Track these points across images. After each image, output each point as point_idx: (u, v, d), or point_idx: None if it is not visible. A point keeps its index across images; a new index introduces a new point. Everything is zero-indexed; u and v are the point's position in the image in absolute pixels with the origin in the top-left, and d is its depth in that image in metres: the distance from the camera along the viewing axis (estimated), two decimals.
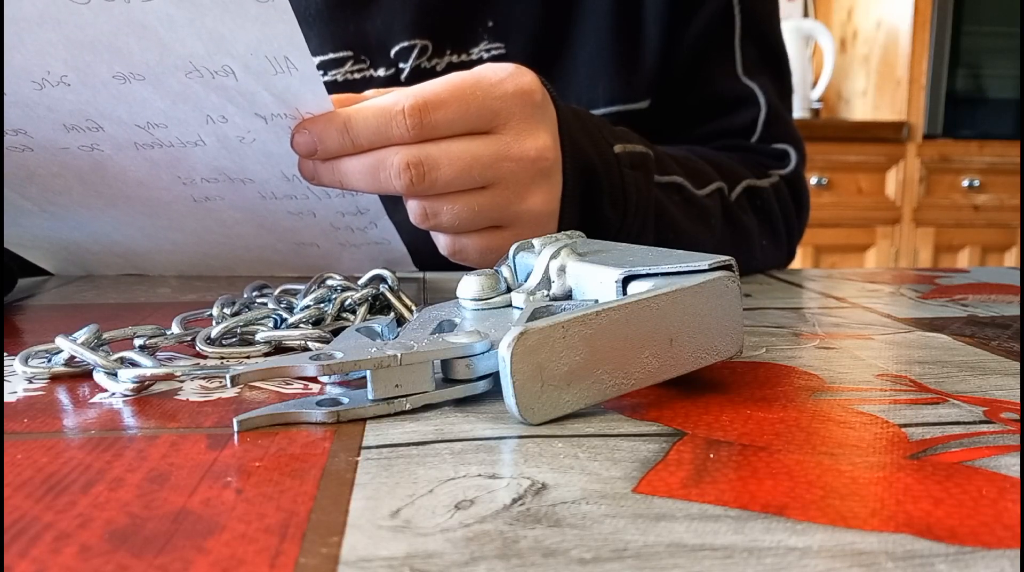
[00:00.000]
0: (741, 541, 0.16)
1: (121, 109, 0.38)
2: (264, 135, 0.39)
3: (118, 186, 0.44)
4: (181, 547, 0.16)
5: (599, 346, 0.23)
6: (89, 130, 0.39)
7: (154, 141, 0.40)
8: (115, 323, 0.38)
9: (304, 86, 0.36)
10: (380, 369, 0.24)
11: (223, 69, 0.35)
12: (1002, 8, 2.01)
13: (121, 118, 0.38)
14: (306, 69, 0.35)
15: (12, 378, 0.28)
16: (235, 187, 0.43)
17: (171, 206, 0.46)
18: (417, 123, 0.36)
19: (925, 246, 2.12)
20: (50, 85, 0.36)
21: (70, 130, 0.39)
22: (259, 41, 0.34)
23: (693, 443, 0.22)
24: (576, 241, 0.32)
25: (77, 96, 0.37)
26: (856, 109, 2.30)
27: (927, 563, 0.15)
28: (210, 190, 0.44)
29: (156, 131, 0.39)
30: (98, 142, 0.40)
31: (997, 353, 0.32)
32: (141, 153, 0.41)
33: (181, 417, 0.24)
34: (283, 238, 0.49)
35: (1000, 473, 0.20)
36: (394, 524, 0.17)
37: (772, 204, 0.60)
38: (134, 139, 0.40)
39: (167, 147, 0.40)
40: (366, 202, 0.45)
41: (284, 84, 0.36)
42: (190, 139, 0.40)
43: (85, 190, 0.44)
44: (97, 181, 0.43)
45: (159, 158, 0.41)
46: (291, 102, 0.37)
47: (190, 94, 0.37)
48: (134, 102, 0.37)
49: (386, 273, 0.36)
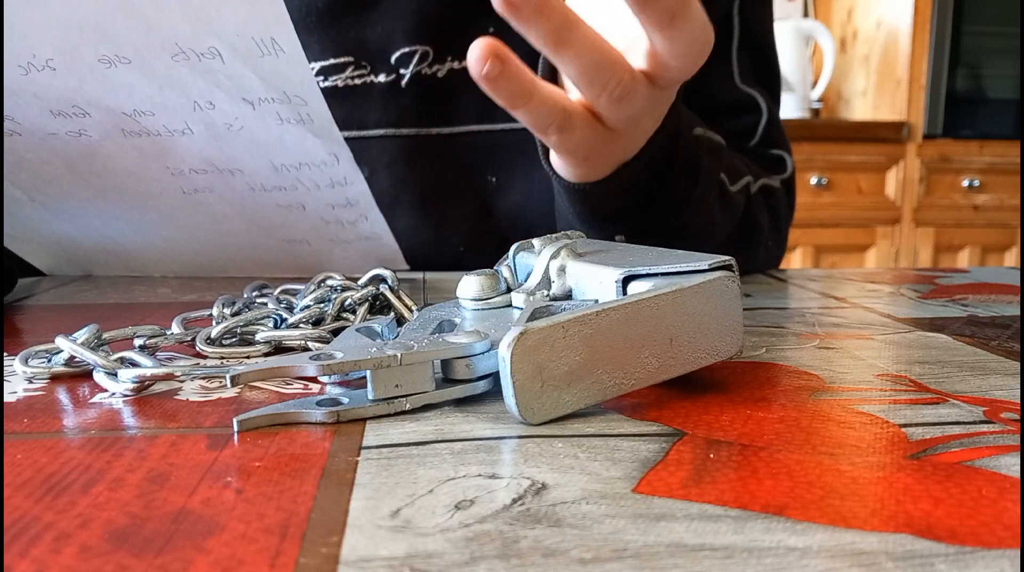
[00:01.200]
0: (741, 541, 0.16)
1: (107, 95, 0.37)
2: (252, 122, 0.39)
3: (107, 176, 0.44)
4: (181, 547, 0.16)
5: (599, 346, 0.23)
6: (76, 116, 0.39)
7: (141, 129, 0.40)
8: (115, 323, 0.38)
9: (291, 68, 0.36)
10: (380, 369, 0.24)
11: (209, 51, 0.35)
12: (1002, 8, 2.01)
13: (108, 105, 0.38)
14: (293, 51, 0.35)
15: (12, 378, 0.28)
16: (224, 179, 0.43)
17: (160, 198, 0.45)
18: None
19: (925, 246, 2.12)
20: (36, 69, 0.36)
21: (57, 116, 0.39)
22: (245, 21, 0.33)
23: (693, 443, 0.22)
24: (576, 241, 0.32)
25: (63, 82, 0.37)
26: (856, 109, 2.30)
27: (927, 563, 0.15)
28: (199, 182, 0.44)
29: (143, 119, 0.39)
30: (85, 128, 0.40)
31: (997, 353, 0.32)
32: (129, 141, 0.41)
33: (181, 417, 0.24)
34: (273, 235, 0.49)
35: (1000, 473, 0.20)
36: (394, 524, 0.17)
37: (780, 204, 0.60)
38: (121, 126, 0.40)
39: (154, 136, 0.40)
40: (355, 194, 0.45)
41: (271, 67, 0.36)
42: (177, 127, 0.40)
43: (74, 179, 0.44)
44: (86, 170, 0.43)
45: (147, 147, 0.41)
46: (278, 85, 0.37)
47: (177, 78, 0.36)
48: (120, 87, 0.37)
49: (386, 273, 0.36)
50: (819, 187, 2.05)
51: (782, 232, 0.61)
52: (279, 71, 0.36)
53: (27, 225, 0.50)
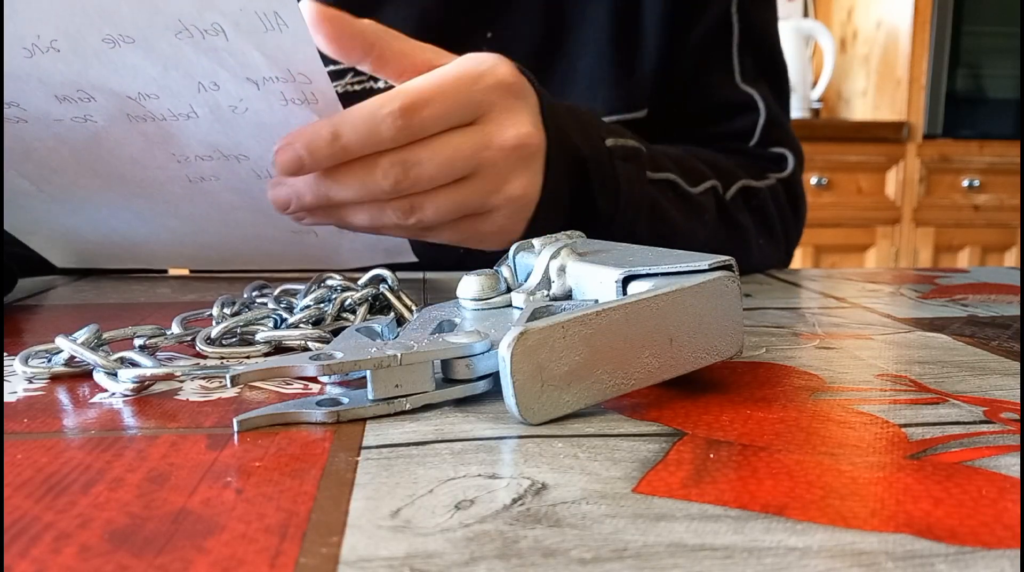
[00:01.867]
0: (741, 541, 0.16)
1: (112, 78, 0.37)
2: (256, 103, 0.39)
3: (113, 163, 0.44)
4: (181, 547, 0.16)
5: (599, 346, 0.23)
6: (81, 101, 0.39)
7: (146, 113, 0.40)
8: (115, 323, 0.38)
9: (295, 44, 0.36)
10: (380, 369, 0.24)
11: (213, 27, 0.35)
12: (1002, 8, 2.01)
13: (112, 88, 0.38)
14: (296, 26, 0.35)
15: (12, 378, 0.28)
16: (230, 166, 0.43)
17: (166, 187, 0.45)
18: (406, 124, 0.37)
19: (925, 246, 2.12)
20: (40, 51, 0.36)
21: (62, 101, 0.39)
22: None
23: (693, 443, 0.22)
24: (576, 241, 0.32)
25: (68, 65, 0.36)
26: (856, 109, 2.30)
27: (927, 563, 0.15)
28: (205, 169, 0.44)
29: (147, 102, 0.39)
30: (90, 113, 0.40)
31: (997, 353, 0.32)
32: (134, 126, 0.41)
33: (181, 417, 0.24)
34: (280, 225, 0.49)
35: (1000, 473, 0.20)
36: (394, 524, 0.17)
37: (768, 204, 0.60)
38: (126, 110, 0.39)
39: (159, 121, 0.40)
40: None
41: (275, 42, 0.35)
42: (182, 111, 0.39)
43: (80, 168, 0.44)
44: (92, 158, 0.43)
45: (152, 133, 0.41)
46: (282, 62, 0.36)
47: (181, 58, 0.36)
48: (124, 69, 0.37)
49: (386, 273, 0.36)
50: (819, 187, 2.05)
51: (776, 231, 0.61)
52: (283, 47, 0.36)
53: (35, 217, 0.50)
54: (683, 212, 0.52)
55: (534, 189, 0.42)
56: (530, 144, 0.41)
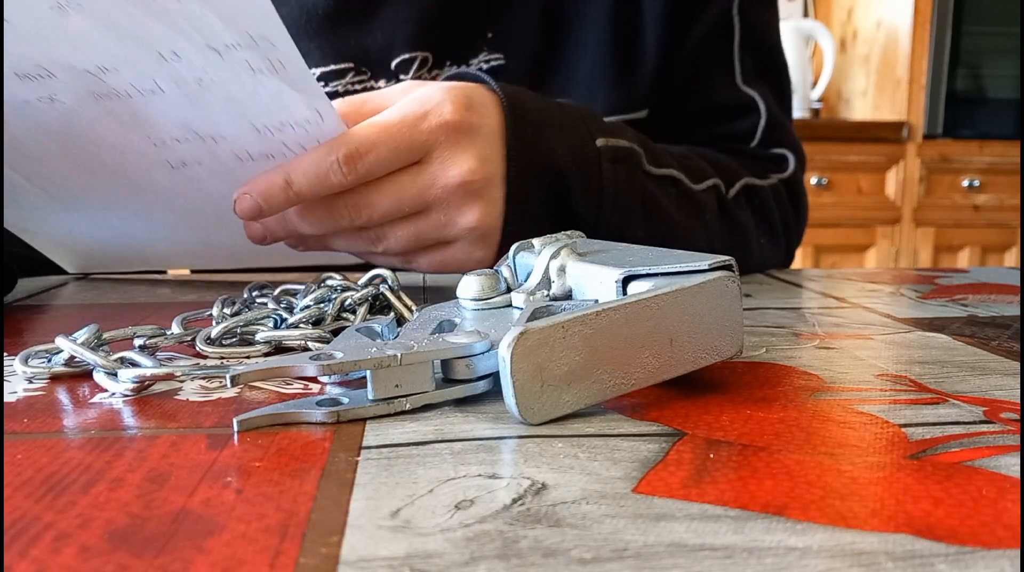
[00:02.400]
0: (741, 541, 0.16)
1: (66, 50, 0.37)
2: (222, 74, 0.37)
3: (91, 150, 0.43)
4: (181, 547, 0.16)
5: (599, 346, 0.23)
6: (41, 78, 0.38)
7: (110, 90, 0.39)
8: (115, 323, 0.38)
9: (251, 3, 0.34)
10: (380, 369, 0.24)
11: None
12: (1002, 8, 2.01)
13: (70, 62, 0.37)
14: None
15: (12, 378, 0.28)
16: (208, 148, 0.42)
17: (150, 175, 0.45)
18: (352, 170, 0.39)
19: (925, 246, 2.12)
20: None
21: (23, 79, 0.39)
22: None
23: (693, 443, 0.22)
24: (576, 241, 0.32)
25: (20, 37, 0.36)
26: (856, 109, 2.30)
27: (927, 563, 0.15)
28: (184, 152, 0.43)
29: (108, 76, 0.38)
30: (55, 92, 0.39)
31: (997, 353, 0.32)
32: (101, 104, 0.40)
33: (181, 417, 0.24)
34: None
35: (1000, 473, 0.20)
36: (394, 524, 0.17)
37: (770, 203, 0.60)
38: (90, 88, 0.39)
39: (125, 98, 0.39)
40: None
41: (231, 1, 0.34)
42: (146, 86, 0.39)
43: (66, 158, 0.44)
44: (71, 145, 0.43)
45: (121, 112, 0.40)
46: (241, 24, 0.35)
47: (134, 24, 0.35)
48: (78, 38, 0.36)
49: (386, 273, 0.36)
50: (819, 187, 2.05)
51: (777, 230, 0.61)
52: (239, 6, 0.34)
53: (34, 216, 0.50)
54: (684, 210, 0.52)
55: (491, 218, 0.43)
56: (475, 180, 0.42)
